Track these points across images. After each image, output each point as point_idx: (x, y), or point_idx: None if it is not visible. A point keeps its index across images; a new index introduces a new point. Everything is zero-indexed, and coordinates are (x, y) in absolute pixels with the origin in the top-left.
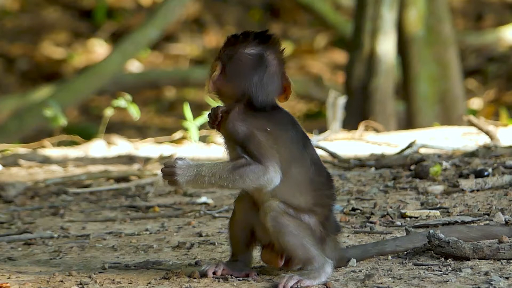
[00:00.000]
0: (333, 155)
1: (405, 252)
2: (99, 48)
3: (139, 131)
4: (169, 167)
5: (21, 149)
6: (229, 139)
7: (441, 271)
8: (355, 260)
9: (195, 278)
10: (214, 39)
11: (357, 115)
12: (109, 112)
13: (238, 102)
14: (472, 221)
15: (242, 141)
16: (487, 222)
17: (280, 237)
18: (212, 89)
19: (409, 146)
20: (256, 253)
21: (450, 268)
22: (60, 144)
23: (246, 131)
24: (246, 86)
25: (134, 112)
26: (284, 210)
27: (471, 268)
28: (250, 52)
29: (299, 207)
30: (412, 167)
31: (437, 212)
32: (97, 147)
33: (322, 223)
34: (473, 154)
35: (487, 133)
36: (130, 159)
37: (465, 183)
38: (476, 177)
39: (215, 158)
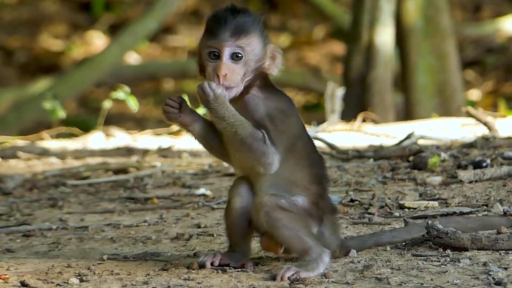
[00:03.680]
0: (331, 146)
1: (404, 243)
2: (97, 40)
3: (138, 123)
4: (208, 89)
5: (20, 141)
6: (246, 116)
7: (439, 261)
8: (355, 251)
9: (194, 269)
10: None
11: (356, 106)
12: (107, 104)
13: (253, 79)
14: (471, 212)
15: (259, 120)
16: (486, 213)
17: (275, 232)
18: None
19: (408, 137)
20: (255, 244)
21: (448, 259)
22: (58, 136)
23: (265, 111)
24: (265, 55)
25: (133, 104)
26: (276, 203)
27: (470, 259)
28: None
29: (294, 185)
30: (411, 158)
31: (436, 203)
32: (96, 139)
33: (316, 202)
34: (471, 145)
35: (485, 124)
36: (128, 151)
37: (463, 174)
38: (475, 168)
39: None
